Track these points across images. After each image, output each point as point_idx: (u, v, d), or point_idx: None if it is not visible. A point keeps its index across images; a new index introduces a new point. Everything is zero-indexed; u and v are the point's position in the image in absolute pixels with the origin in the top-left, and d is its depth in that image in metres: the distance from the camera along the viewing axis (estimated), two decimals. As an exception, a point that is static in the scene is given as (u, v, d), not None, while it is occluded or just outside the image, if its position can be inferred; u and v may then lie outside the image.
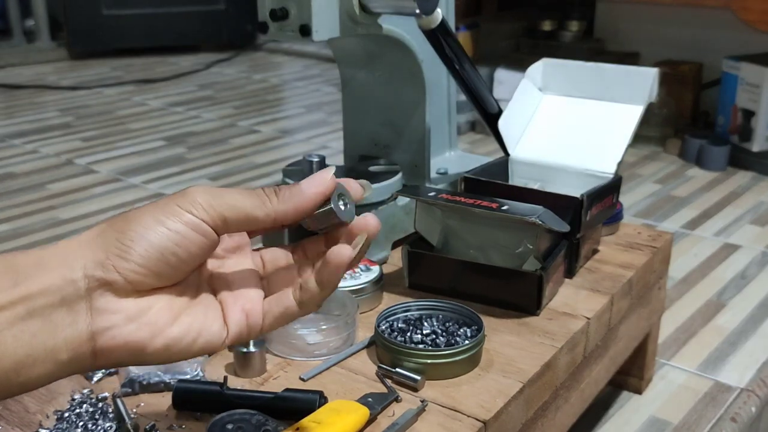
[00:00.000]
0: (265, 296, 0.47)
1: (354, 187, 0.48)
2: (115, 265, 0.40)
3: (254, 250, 0.50)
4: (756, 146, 2.07)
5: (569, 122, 0.98)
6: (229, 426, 0.59)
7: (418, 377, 0.66)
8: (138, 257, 0.41)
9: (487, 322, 0.75)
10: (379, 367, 0.70)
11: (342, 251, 0.44)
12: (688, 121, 2.33)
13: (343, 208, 0.47)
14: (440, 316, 0.76)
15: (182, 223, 0.41)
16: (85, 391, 0.67)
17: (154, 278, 0.42)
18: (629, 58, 2.41)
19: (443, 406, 0.65)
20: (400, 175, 0.95)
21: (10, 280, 0.40)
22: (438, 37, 0.88)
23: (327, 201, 0.46)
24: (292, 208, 0.45)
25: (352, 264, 0.46)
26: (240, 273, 0.48)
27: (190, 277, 0.45)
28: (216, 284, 0.47)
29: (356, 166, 1.00)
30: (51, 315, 0.40)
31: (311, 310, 0.47)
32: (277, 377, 0.69)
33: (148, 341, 0.42)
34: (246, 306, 0.46)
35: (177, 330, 0.43)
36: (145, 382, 0.66)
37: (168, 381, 0.66)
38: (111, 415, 0.63)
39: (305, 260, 0.49)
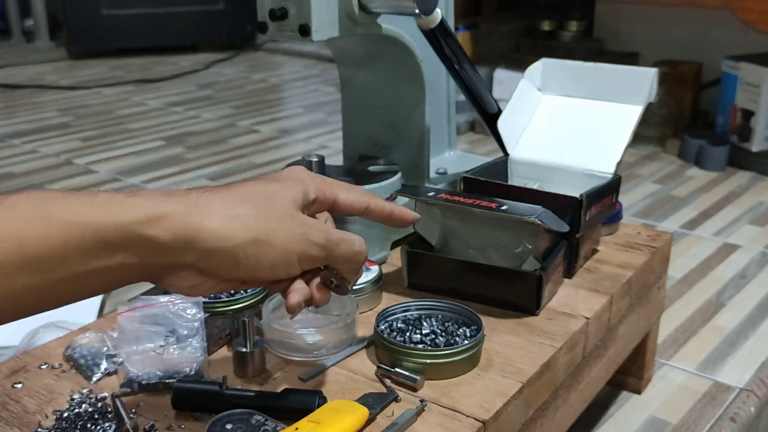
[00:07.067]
0: None
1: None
2: None
3: None
4: (755, 146, 2.07)
5: (568, 122, 0.98)
6: (229, 426, 0.59)
7: (418, 377, 0.66)
8: None
9: (487, 322, 0.75)
10: (378, 367, 0.70)
11: None
12: (688, 121, 2.33)
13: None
14: (439, 315, 0.76)
15: None
16: (85, 391, 0.67)
17: None
18: (629, 58, 2.42)
19: (442, 406, 0.65)
20: (399, 175, 0.95)
21: None
22: (437, 37, 0.88)
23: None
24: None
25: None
26: None
27: None
28: None
29: (356, 166, 1.00)
30: None
31: None
32: (277, 377, 0.69)
33: None
34: None
35: None
36: (144, 382, 0.66)
37: (168, 381, 0.66)
38: (110, 415, 0.63)
39: None
